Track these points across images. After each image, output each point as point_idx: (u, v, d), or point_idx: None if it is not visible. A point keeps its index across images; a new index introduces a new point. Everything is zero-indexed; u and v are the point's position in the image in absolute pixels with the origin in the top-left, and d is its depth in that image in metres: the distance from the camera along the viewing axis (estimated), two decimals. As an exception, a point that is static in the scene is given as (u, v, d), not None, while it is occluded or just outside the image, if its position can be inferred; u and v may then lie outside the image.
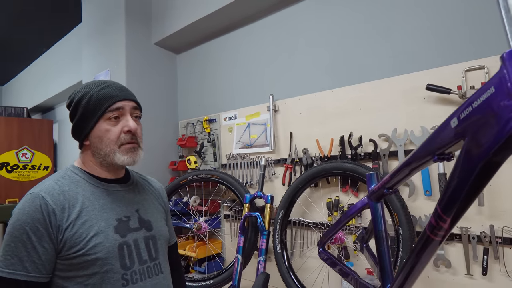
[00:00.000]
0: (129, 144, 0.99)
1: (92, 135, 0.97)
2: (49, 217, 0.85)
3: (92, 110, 0.96)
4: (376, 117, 1.70)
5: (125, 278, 0.92)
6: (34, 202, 0.86)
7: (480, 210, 1.40)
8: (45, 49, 4.51)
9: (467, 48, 1.48)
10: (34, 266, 0.83)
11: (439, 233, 0.71)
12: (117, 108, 0.97)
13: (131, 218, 1.00)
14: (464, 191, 0.62)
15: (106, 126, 0.96)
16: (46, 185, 0.90)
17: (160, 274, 1.02)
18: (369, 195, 1.07)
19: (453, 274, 1.46)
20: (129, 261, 0.94)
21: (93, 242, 0.88)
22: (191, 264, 2.36)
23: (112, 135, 0.96)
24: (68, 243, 0.86)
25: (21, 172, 4.15)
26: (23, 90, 5.23)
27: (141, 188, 1.12)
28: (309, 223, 1.90)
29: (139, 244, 0.98)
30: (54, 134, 4.53)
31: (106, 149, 0.96)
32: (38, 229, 0.83)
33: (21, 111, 4.32)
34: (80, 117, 0.97)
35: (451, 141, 0.66)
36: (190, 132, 2.69)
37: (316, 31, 2.00)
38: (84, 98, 0.97)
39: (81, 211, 0.90)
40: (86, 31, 3.00)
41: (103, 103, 0.96)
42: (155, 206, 1.12)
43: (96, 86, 0.98)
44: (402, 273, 0.86)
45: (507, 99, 0.51)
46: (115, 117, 0.97)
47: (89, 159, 1.01)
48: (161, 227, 1.09)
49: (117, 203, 1.00)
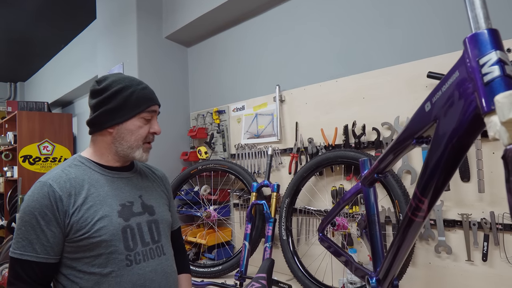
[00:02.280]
0: (149, 144, 1.11)
1: (124, 126, 1.04)
2: (56, 203, 0.92)
3: (133, 105, 1.03)
4: (379, 106, 1.71)
5: (128, 258, 0.99)
6: (43, 189, 0.93)
7: (481, 197, 1.40)
8: (63, 45, 4.66)
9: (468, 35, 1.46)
10: (43, 248, 0.91)
11: (419, 214, 0.74)
12: (152, 110, 1.08)
13: (135, 203, 1.07)
14: (438, 173, 0.65)
15: (139, 123, 1.05)
16: (53, 174, 0.97)
17: (162, 255, 1.08)
18: (362, 180, 1.10)
19: (454, 260, 1.47)
20: (132, 243, 1.01)
21: (98, 226, 0.95)
22: (202, 251, 2.43)
23: (143, 133, 1.06)
24: (74, 226, 0.93)
25: (42, 164, 4.33)
26: (43, 85, 5.42)
27: (144, 176, 1.18)
28: (314, 211, 1.94)
29: (142, 228, 1.05)
30: (74, 127, 4.70)
31: (134, 143, 1.05)
32: (46, 214, 0.91)
33: (42, 105, 4.49)
34: (117, 106, 1.02)
35: (426, 125, 0.69)
36: (200, 123, 2.75)
37: (320, 22, 2.01)
38: (125, 90, 1.03)
39: (87, 197, 0.97)
40: (100, 26, 3.09)
41: (144, 102, 1.05)
42: (157, 193, 1.18)
43: (136, 83, 1.06)
44: (390, 253, 0.89)
45: (468, 82, 0.53)
46: (147, 118, 1.06)
47: (104, 146, 1.07)
48: (163, 212, 1.15)
49: (121, 189, 1.06)
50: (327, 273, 1.87)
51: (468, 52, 0.53)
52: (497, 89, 0.48)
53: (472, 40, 0.53)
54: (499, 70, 0.48)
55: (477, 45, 0.52)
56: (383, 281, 0.96)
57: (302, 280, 1.80)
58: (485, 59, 0.50)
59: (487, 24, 0.52)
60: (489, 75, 0.49)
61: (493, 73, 0.49)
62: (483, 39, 0.51)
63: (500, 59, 0.49)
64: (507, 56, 0.49)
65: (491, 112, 0.48)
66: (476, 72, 0.51)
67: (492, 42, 0.51)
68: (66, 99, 4.84)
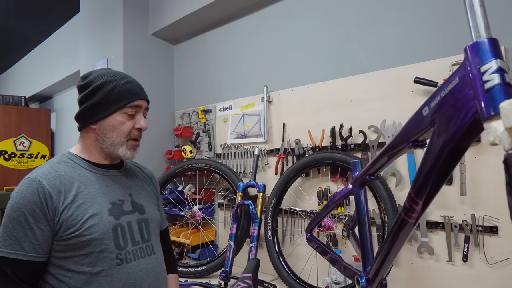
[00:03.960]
0: (135, 141, 1.07)
1: (105, 122, 1.01)
2: (45, 200, 0.89)
3: (114, 100, 1.00)
4: (366, 109, 1.75)
5: (119, 257, 0.97)
6: (31, 186, 0.90)
7: (462, 200, 1.45)
8: (43, 38, 4.51)
9: (454, 43, 1.52)
10: (31, 247, 0.88)
11: (413, 215, 0.76)
12: (136, 105, 1.04)
13: (125, 202, 1.05)
14: (433, 175, 0.67)
15: (122, 119, 1.02)
16: (42, 170, 0.95)
17: (152, 254, 1.07)
18: (353, 182, 1.12)
19: (435, 261, 1.52)
20: (123, 241, 0.99)
21: (89, 224, 0.93)
22: (185, 251, 2.41)
23: (125, 129, 1.03)
24: (64, 224, 0.90)
25: (18, 161, 4.18)
26: (21, 79, 5.24)
27: (134, 174, 1.17)
28: (299, 212, 1.96)
29: (132, 226, 1.03)
30: (52, 123, 4.55)
31: (116, 139, 1.02)
32: (35, 211, 0.88)
33: (19, 99, 4.33)
34: (97, 102, 1.00)
35: (423, 129, 0.71)
36: (186, 122, 2.72)
37: (309, 24, 2.03)
38: (106, 85, 1.00)
39: (77, 194, 0.95)
40: (84, 20, 3.01)
41: (126, 97, 1.02)
42: (147, 192, 1.17)
43: (120, 78, 1.03)
44: (381, 254, 0.92)
45: (468, 88, 0.55)
46: (130, 113, 1.03)
47: (89, 143, 1.05)
48: (153, 211, 1.14)
49: (111, 187, 1.04)
50: (312, 274, 1.89)
51: (469, 60, 0.55)
52: (497, 96, 0.50)
53: (473, 48, 0.55)
54: (499, 78, 0.51)
55: (478, 53, 0.54)
56: (373, 281, 0.99)
57: (287, 280, 1.81)
58: (486, 67, 0.52)
59: (487, 34, 0.54)
60: (490, 83, 0.51)
61: (493, 80, 0.51)
62: (484, 48, 0.53)
63: (500, 68, 0.51)
64: (506, 65, 0.52)
65: (491, 118, 0.50)
66: (477, 79, 0.53)
67: (492, 51, 0.53)
68: (44, 94, 4.69)
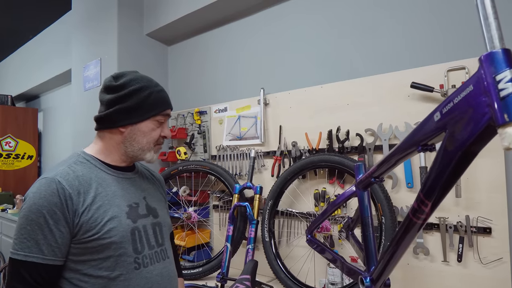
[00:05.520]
0: (159, 146, 1.09)
1: (137, 127, 1.02)
2: (66, 201, 0.87)
3: (149, 107, 1.01)
4: (363, 113, 1.78)
5: (137, 261, 0.96)
6: (51, 186, 0.87)
7: (457, 201, 1.50)
8: (31, 36, 4.43)
9: (449, 49, 1.57)
10: (50, 249, 0.85)
11: (421, 217, 0.79)
12: (167, 114, 1.07)
13: (140, 205, 1.04)
14: (444, 177, 0.70)
15: (152, 125, 1.04)
16: (60, 170, 0.92)
17: (166, 259, 1.07)
18: (357, 184, 1.14)
19: (431, 261, 1.56)
20: (140, 245, 0.98)
21: (108, 227, 0.91)
22: (180, 253, 2.40)
23: (155, 136, 1.05)
24: (84, 227, 0.88)
25: (4, 161, 4.10)
26: (7, 77, 5.12)
27: (145, 177, 1.16)
28: (296, 213, 1.98)
29: (147, 230, 1.03)
30: (39, 123, 4.48)
31: (146, 145, 1.04)
32: (55, 213, 0.85)
33: (5, 98, 4.25)
34: (132, 106, 1.00)
35: (433, 133, 0.73)
36: (180, 123, 2.72)
37: (307, 28, 2.06)
38: (143, 90, 1.01)
39: (95, 196, 0.93)
40: (76, 18, 2.98)
41: (160, 105, 1.04)
42: (158, 195, 1.17)
43: (154, 85, 1.05)
44: (386, 255, 0.94)
45: (483, 96, 0.58)
46: (160, 121, 1.05)
47: (112, 144, 1.03)
48: (165, 215, 1.14)
49: (127, 190, 1.03)
50: (309, 274, 1.91)
51: (484, 69, 0.58)
52: (512, 104, 0.53)
53: (487, 58, 0.57)
54: (514, 87, 0.53)
55: (493, 63, 0.56)
56: (377, 281, 1.01)
57: (285, 281, 1.83)
58: (501, 76, 0.55)
59: (501, 44, 0.57)
60: (505, 91, 0.54)
61: (508, 89, 0.54)
62: (499, 58, 0.56)
63: (514, 77, 0.54)
64: (520, 74, 0.55)
65: (505, 124, 0.53)
66: (492, 87, 0.56)
67: (507, 61, 0.56)
68: (31, 93, 4.61)
